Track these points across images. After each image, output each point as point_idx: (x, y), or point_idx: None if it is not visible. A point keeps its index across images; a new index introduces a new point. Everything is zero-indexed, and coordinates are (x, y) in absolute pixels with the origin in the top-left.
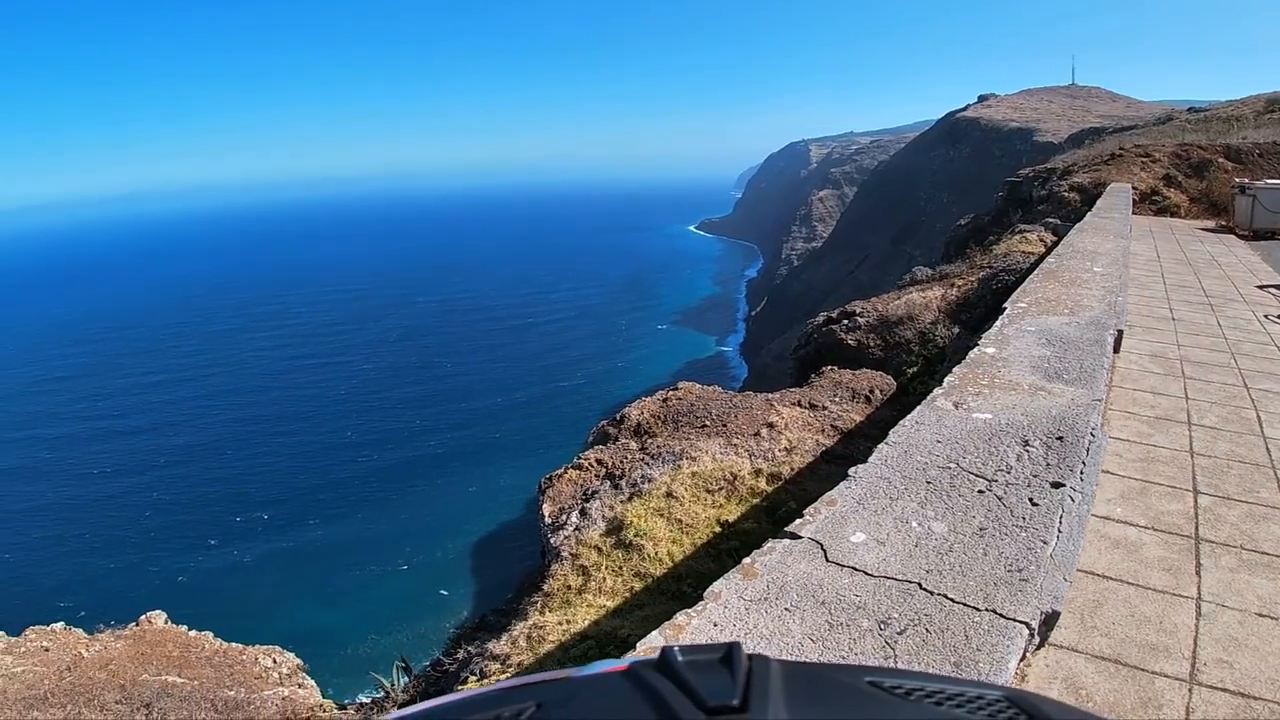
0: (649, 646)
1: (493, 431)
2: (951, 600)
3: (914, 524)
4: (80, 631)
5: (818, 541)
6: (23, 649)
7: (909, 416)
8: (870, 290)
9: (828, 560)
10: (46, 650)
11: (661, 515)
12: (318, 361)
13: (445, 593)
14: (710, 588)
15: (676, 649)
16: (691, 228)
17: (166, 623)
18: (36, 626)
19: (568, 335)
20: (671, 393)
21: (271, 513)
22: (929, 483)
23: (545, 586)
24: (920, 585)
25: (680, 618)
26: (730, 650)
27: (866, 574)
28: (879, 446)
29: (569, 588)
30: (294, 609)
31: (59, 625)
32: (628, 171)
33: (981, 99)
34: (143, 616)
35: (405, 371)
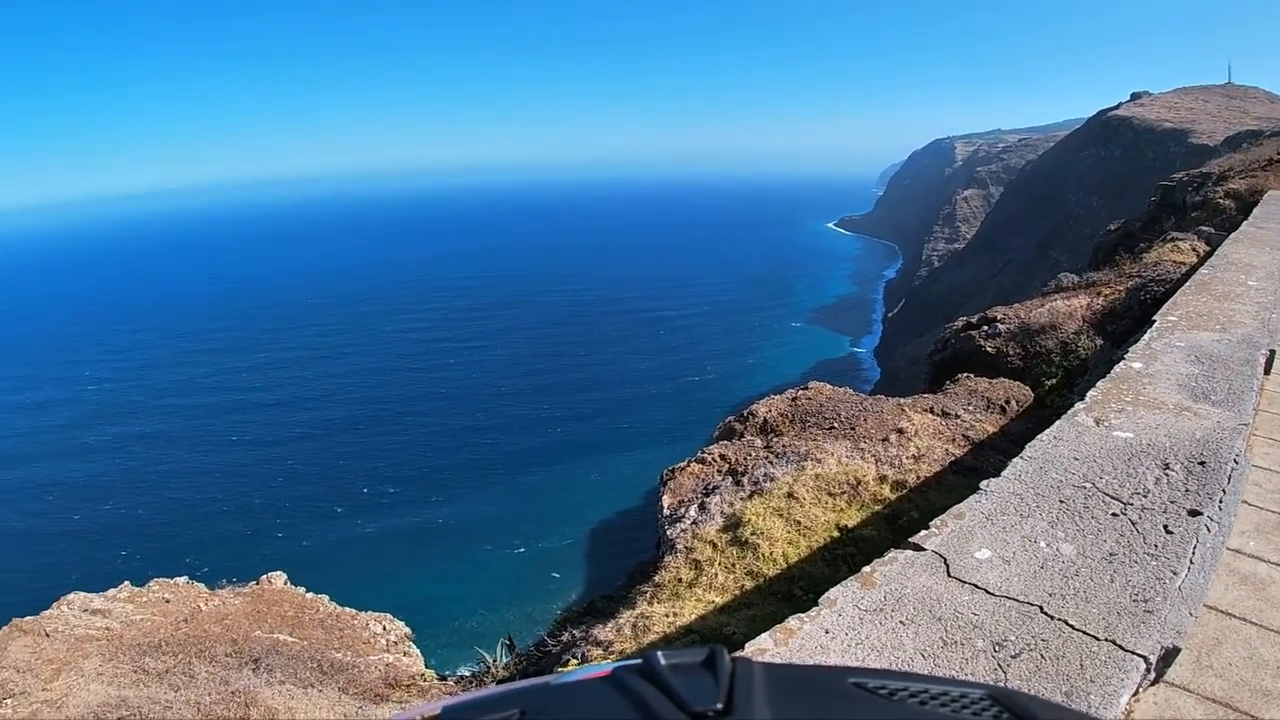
0: (757, 648)
1: (618, 423)
2: (1071, 627)
3: (1042, 544)
4: (202, 586)
5: (941, 555)
6: (145, 599)
7: (1048, 431)
8: (1013, 296)
9: (949, 575)
10: (167, 601)
11: (780, 515)
12: (452, 345)
13: (557, 575)
14: (826, 594)
15: (660, 654)
16: (831, 225)
17: (286, 584)
18: (160, 579)
19: (700, 330)
20: (801, 392)
21: (397, 487)
22: (1062, 502)
23: (656, 577)
24: (1042, 609)
25: (792, 621)
26: (713, 653)
27: (987, 592)
28: (1014, 460)
29: (680, 580)
30: (409, 580)
31: (182, 579)
32: (768, 166)
33: (1134, 97)
34: (264, 577)
35: (536, 360)
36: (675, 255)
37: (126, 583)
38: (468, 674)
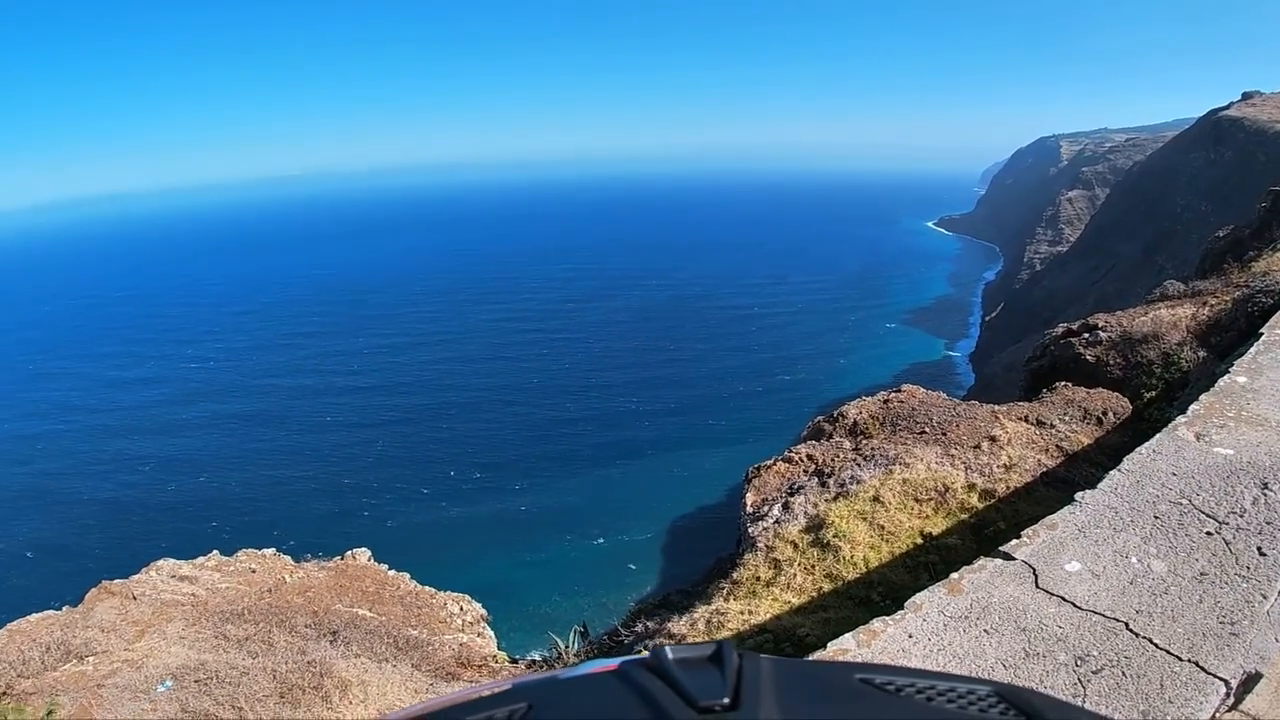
0: (839, 648)
1: (706, 419)
2: (1155, 645)
3: (1133, 559)
4: (288, 559)
5: (1030, 565)
6: (232, 568)
7: (1146, 444)
8: (1115, 302)
9: (1037, 586)
10: (253, 571)
11: (864, 519)
12: (544, 337)
13: (634, 567)
14: (912, 599)
15: (668, 648)
16: (930, 224)
17: (369, 560)
18: (248, 550)
19: (792, 329)
20: (894, 394)
21: (484, 473)
22: (1156, 517)
23: (735, 574)
24: (1127, 625)
25: (876, 624)
26: (720, 648)
27: (1074, 606)
28: (1111, 473)
29: (758, 579)
30: (488, 563)
31: (269, 551)
32: (867, 162)
33: (1245, 96)
34: (349, 552)
35: (626, 354)
36: (770, 253)
37: (215, 552)
38: (539, 658)
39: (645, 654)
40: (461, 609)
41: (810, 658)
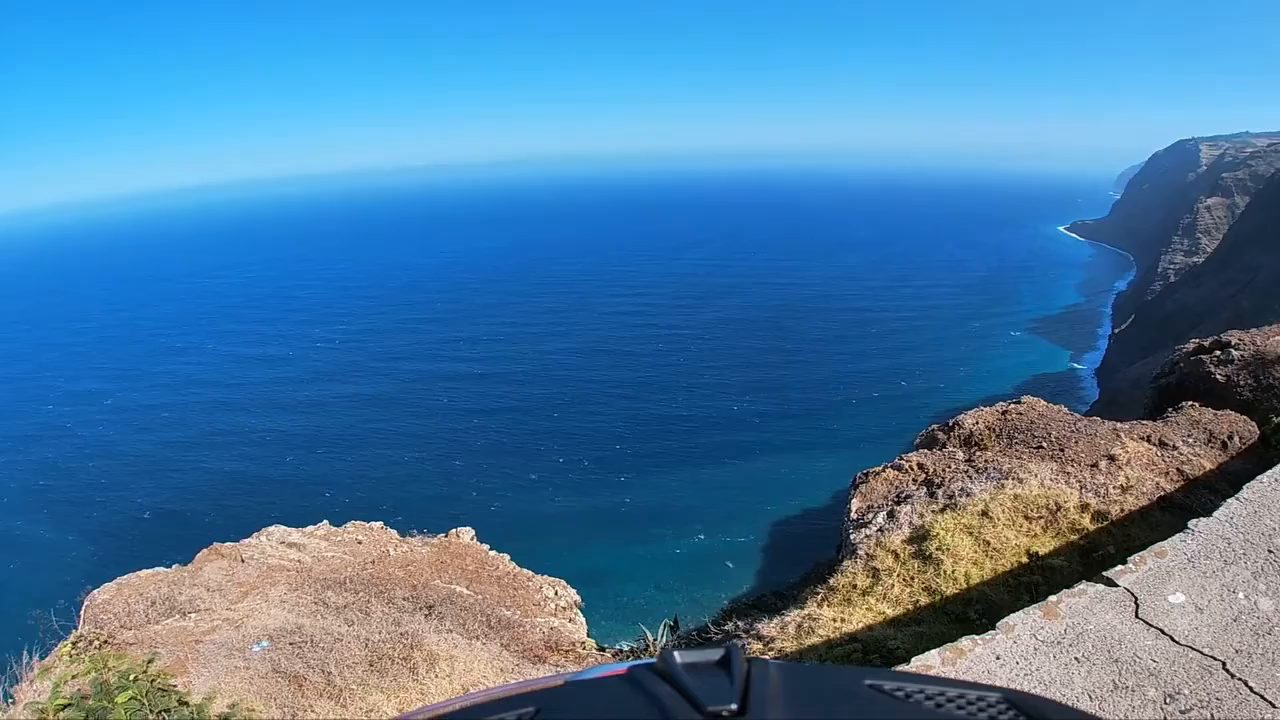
0: (923, 664)
1: (817, 423)
2: (1250, 689)
3: (1240, 595)
4: (394, 533)
5: (1132, 593)
6: (339, 538)
7: (1268, 473)
8: (1252, 319)
9: (1137, 616)
10: (360, 543)
11: (970, 534)
12: (661, 332)
13: (731, 566)
14: (1006, 619)
15: (676, 653)
16: (1062, 229)
17: (472, 539)
18: (357, 521)
19: (913, 334)
20: (1013, 406)
21: (592, 463)
22: (1270, 552)
23: (832, 580)
24: (1224, 665)
25: (964, 642)
26: (729, 653)
27: (1172, 639)
28: (1228, 501)
29: (854, 587)
30: (587, 550)
31: (377, 524)
32: (997, 163)
33: None
34: (453, 530)
35: (741, 353)
36: (895, 254)
37: (325, 521)
38: (626, 648)
39: (653, 659)
40: (556, 593)
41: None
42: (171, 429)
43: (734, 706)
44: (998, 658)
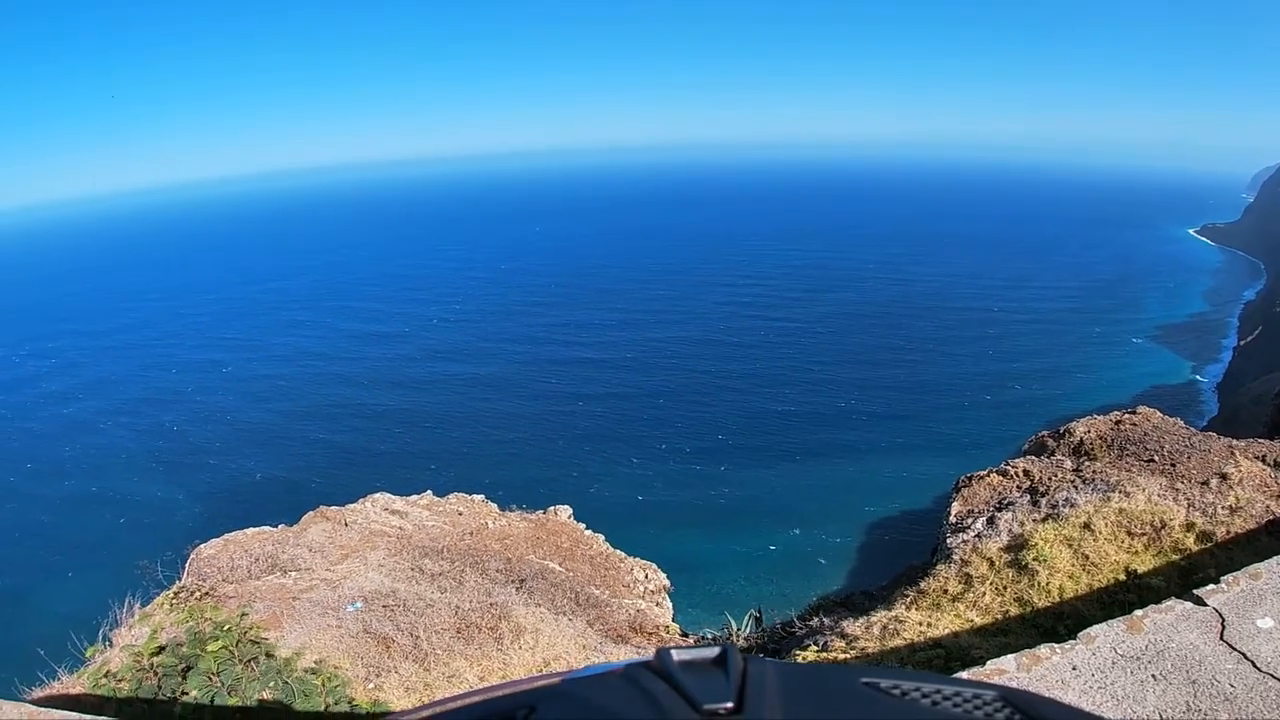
0: (997, 668)
1: (925, 425)
2: None
3: None
4: (494, 506)
5: (1220, 614)
6: (441, 508)
7: None
8: None
9: (1221, 638)
10: (460, 514)
11: (1069, 546)
12: (771, 324)
13: (823, 562)
14: (1087, 630)
15: (672, 651)
16: (1191, 231)
17: (569, 518)
18: (459, 493)
19: (1030, 336)
20: (1127, 416)
21: (693, 451)
22: None
23: (923, 584)
24: None
25: (1043, 649)
26: (725, 651)
27: (1254, 665)
28: None
29: (945, 592)
30: (680, 536)
31: (479, 497)
32: (1125, 159)
33: None
34: (551, 508)
35: (853, 350)
36: (1016, 251)
37: (429, 491)
38: (709, 636)
39: (649, 656)
40: (646, 576)
41: (961, 674)
42: (285, 399)
43: (730, 704)
44: (1074, 668)
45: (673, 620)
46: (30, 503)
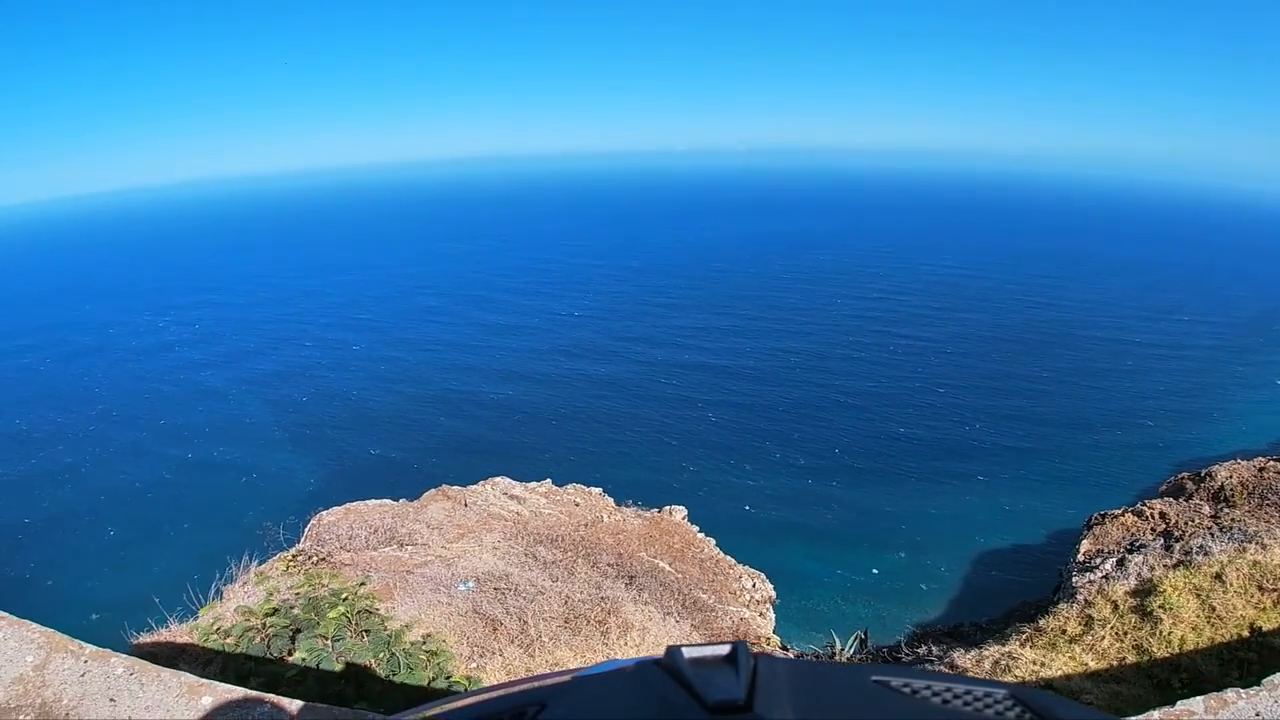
0: (1186, 709)
1: (1049, 460)
2: None
3: None
4: (610, 501)
5: None
6: (558, 498)
7: None
8: None
9: None
10: (577, 505)
11: (1197, 596)
12: (898, 341)
13: (925, 589)
14: (1272, 677)
15: (682, 648)
16: None
17: (683, 519)
18: (577, 485)
19: (1170, 373)
20: (1272, 463)
21: (806, 464)
22: None
23: (1041, 621)
24: None
25: (1229, 693)
26: (736, 649)
27: None
28: None
29: (1063, 632)
30: (784, 547)
31: (596, 490)
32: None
33: None
34: (667, 507)
35: (981, 375)
36: (1162, 280)
37: (549, 480)
38: (808, 653)
39: (660, 654)
40: (754, 585)
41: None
42: (409, 382)
43: (740, 700)
44: (1257, 714)
45: (773, 633)
46: (157, 461)
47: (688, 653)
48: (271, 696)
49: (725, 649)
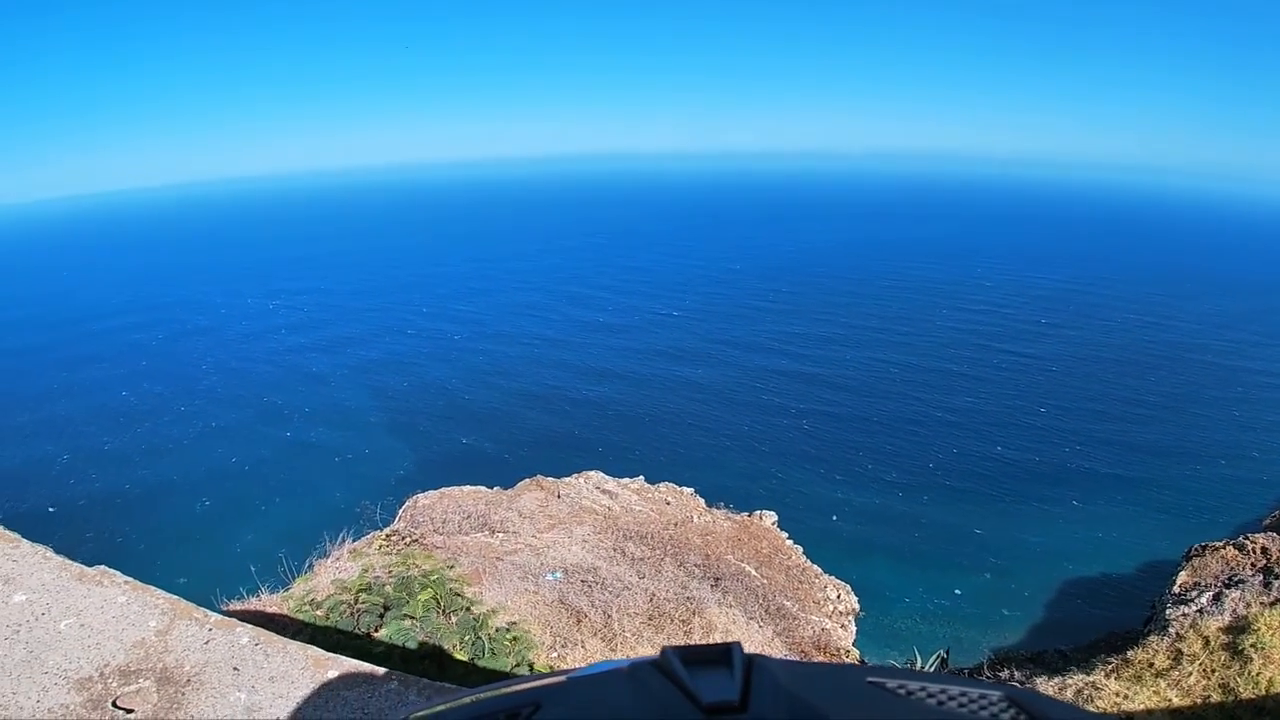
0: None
1: (1147, 488)
2: None
3: None
4: (701, 501)
5: None
6: (650, 495)
7: None
8: None
9: None
10: (668, 504)
11: None
12: (997, 356)
13: (1007, 613)
14: None
15: (676, 649)
16: None
17: (773, 525)
18: (669, 483)
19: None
20: None
21: (898, 478)
22: None
23: (1129, 653)
24: None
25: None
26: (730, 650)
27: None
28: None
29: (1150, 665)
30: (869, 561)
31: (688, 490)
32: None
33: None
34: (757, 511)
35: (1080, 396)
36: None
37: (641, 477)
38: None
39: (655, 654)
40: (839, 596)
41: None
42: (505, 376)
43: (735, 701)
44: None
45: (853, 645)
46: (256, 439)
47: (681, 654)
48: (398, 674)
49: (719, 650)
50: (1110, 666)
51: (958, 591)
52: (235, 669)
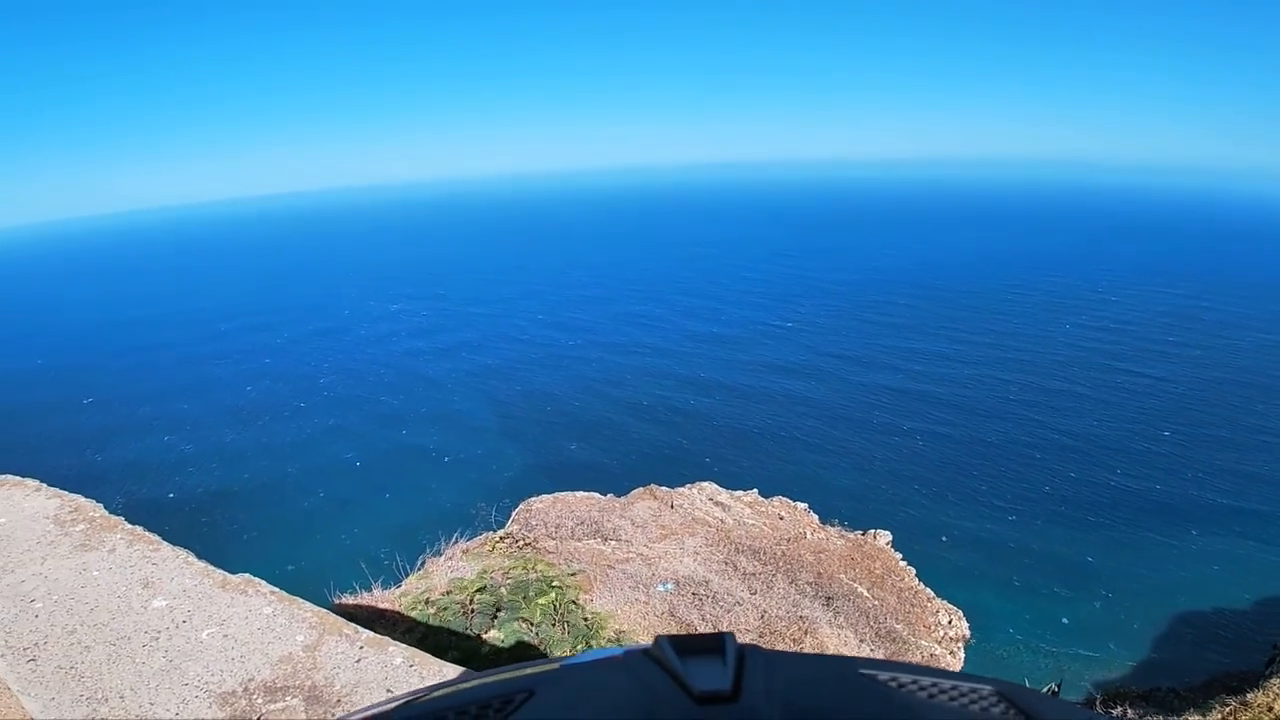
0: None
1: (1273, 525)
2: None
3: None
4: (815, 518)
5: None
6: (763, 509)
7: None
8: None
9: None
10: (781, 519)
11: None
12: (1116, 377)
13: (1113, 647)
14: None
15: (669, 638)
16: None
17: (888, 545)
18: (783, 498)
19: None
20: None
21: (1012, 500)
22: None
23: (1249, 696)
24: None
25: None
26: (723, 640)
27: None
28: None
29: (1270, 709)
30: (974, 583)
31: (802, 505)
32: None
33: None
34: (871, 531)
35: (1202, 421)
36: None
37: (755, 490)
38: None
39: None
40: (950, 622)
41: None
42: (614, 385)
43: (727, 691)
44: None
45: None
46: (368, 439)
47: (675, 643)
48: None
49: (713, 640)
50: (1229, 709)
51: (1065, 621)
52: (388, 690)
